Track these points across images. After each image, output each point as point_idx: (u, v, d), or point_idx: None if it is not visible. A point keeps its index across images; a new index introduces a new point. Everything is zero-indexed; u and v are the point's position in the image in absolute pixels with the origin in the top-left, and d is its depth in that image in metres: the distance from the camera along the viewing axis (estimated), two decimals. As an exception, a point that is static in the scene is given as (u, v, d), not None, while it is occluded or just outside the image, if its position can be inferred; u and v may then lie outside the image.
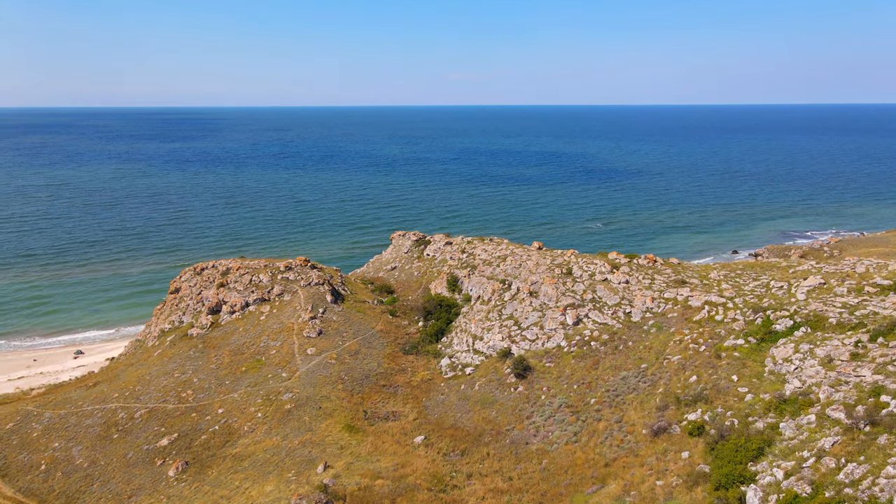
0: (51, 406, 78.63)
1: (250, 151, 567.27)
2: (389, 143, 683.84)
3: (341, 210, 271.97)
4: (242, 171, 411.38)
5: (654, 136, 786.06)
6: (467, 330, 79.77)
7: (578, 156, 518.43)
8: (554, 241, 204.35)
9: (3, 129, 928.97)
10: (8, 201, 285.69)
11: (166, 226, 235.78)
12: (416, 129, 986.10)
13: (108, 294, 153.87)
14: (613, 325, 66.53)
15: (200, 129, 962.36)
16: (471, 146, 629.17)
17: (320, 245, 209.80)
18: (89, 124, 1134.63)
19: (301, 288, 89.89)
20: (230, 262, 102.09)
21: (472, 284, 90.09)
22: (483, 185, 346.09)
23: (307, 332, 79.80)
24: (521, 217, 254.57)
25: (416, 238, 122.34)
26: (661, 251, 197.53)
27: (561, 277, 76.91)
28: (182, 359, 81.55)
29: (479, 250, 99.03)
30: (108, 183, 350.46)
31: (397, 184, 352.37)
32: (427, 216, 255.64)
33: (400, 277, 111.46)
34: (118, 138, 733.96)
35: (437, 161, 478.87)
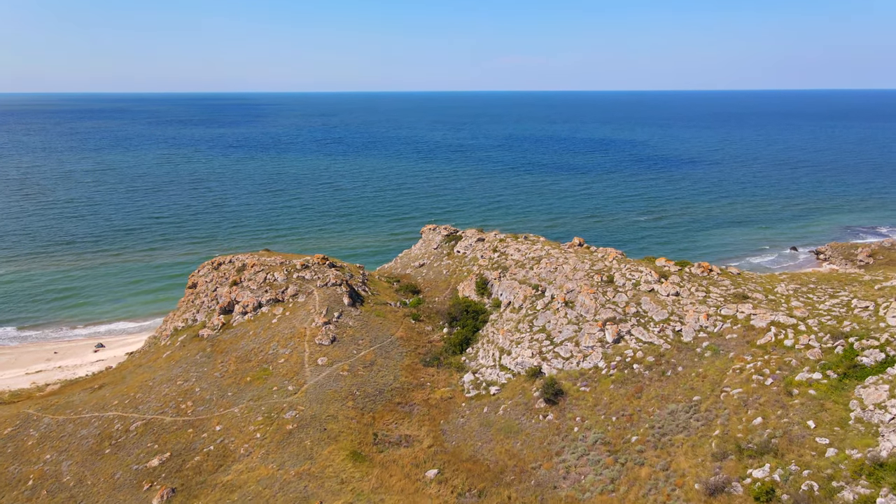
0: (52, 410, 74.44)
1: (294, 137, 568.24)
2: (433, 129, 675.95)
3: (380, 199, 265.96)
4: (284, 158, 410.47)
5: (707, 123, 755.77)
6: (494, 341, 71.76)
7: (627, 143, 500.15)
8: (598, 237, 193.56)
9: (63, 114, 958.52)
10: (54, 186, 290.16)
11: (204, 213, 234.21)
12: (460, 115, 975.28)
13: (137, 286, 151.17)
14: (660, 346, 57.45)
15: (247, 115, 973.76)
16: (515, 133, 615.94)
17: (356, 236, 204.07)
18: (143, 109, 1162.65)
19: (317, 289, 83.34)
20: (247, 257, 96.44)
21: (502, 288, 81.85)
22: (526, 173, 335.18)
23: (319, 339, 73.15)
24: (566, 209, 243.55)
25: (446, 233, 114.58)
26: (715, 247, 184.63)
27: (601, 286, 67.93)
28: (188, 363, 76.14)
29: (511, 249, 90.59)
30: (152, 168, 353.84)
31: (438, 171, 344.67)
32: (467, 207, 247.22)
33: (427, 276, 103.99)
34: (167, 123, 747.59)
35: (479, 148, 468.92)
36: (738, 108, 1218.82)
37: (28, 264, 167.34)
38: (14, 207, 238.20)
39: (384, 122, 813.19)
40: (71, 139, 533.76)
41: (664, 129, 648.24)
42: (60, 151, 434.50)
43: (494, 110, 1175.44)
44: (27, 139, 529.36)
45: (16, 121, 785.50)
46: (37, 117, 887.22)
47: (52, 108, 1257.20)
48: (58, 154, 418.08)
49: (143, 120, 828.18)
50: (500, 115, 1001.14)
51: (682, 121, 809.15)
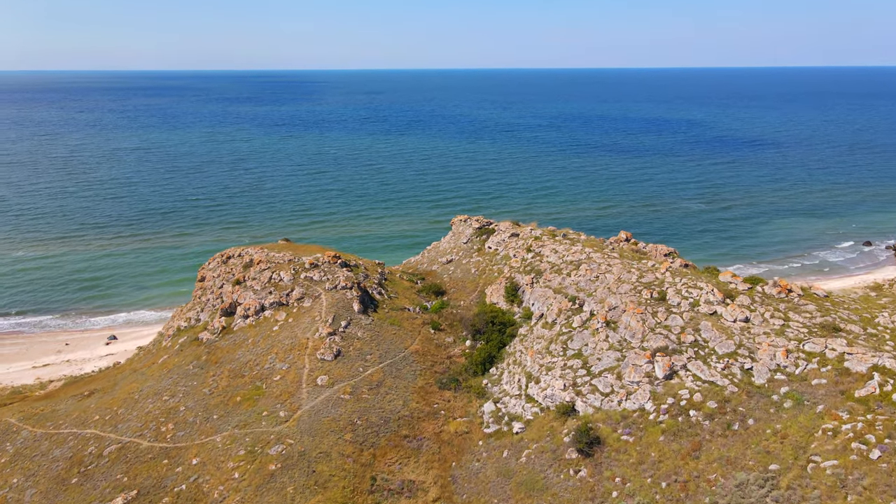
0: (34, 420, 68.03)
1: (338, 115, 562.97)
2: (480, 107, 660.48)
3: (421, 182, 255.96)
4: (326, 137, 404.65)
5: (766, 102, 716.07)
6: (521, 363, 61.31)
7: (681, 123, 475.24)
8: (650, 229, 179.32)
9: (117, 91, 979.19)
10: (98, 165, 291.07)
11: (239, 195, 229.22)
12: (508, 93, 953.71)
13: (162, 275, 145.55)
14: (725, 388, 45.96)
15: (294, 93, 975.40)
16: (564, 112, 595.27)
17: (394, 222, 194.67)
18: (194, 86, 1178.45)
19: (325, 292, 74.25)
20: (256, 251, 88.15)
21: (534, 297, 71.03)
22: (575, 156, 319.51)
23: (321, 353, 64.09)
24: (614, 193, 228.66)
25: (478, 225, 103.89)
26: (779, 241, 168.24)
27: (650, 304, 56.43)
28: (179, 374, 68.35)
29: (547, 250, 79.37)
30: (195, 147, 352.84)
31: (483, 153, 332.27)
32: (511, 192, 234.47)
33: (454, 274, 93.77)
34: (215, 101, 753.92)
35: (527, 128, 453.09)
36: (803, 86, 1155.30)
37: (58, 248, 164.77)
38: (55, 186, 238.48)
39: (430, 100, 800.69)
40: (121, 116, 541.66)
41: (722, 109, 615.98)
42: (109, 129, 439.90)
43: (543, 88, 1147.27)
44: (80, 116, 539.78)
45: (73, 98, 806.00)
46: (93, 94, 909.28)
47: (109, 85, 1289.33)
48: (107, 132, 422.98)
49: (192, 97, 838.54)
50: (549, 93, 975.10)
51: (742, 99, 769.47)
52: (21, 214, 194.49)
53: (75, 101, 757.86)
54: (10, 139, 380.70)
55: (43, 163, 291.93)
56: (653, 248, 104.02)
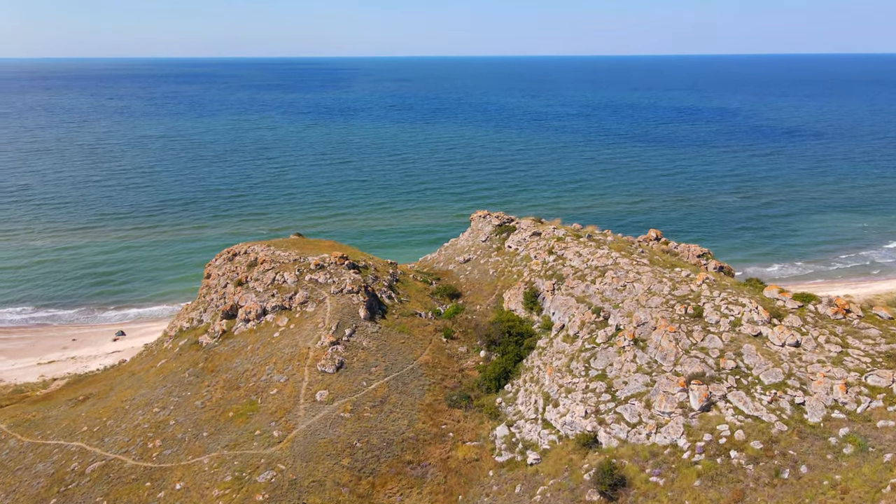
0: (24, 427, 64.80)
1: (364, 103, 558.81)
2: (507, 95, 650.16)
3: (445, 172, 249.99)
4: (351, 125, 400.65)
5: (804, 90, 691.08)
6: (539, 381, 55.69)
7: (715, 112, 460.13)
8: (680, 222, 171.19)
9: (148, 79, 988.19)
10: (123, 153, 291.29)
11: (261, 185, 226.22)
12: (535, 81, 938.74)
13: (175, 271, 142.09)
14: (772, 425, 39.77)
15: (321, 80, 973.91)
16: (593, 100, 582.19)
17: (417, 216, 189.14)
18: (223, 74, 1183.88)
19: (330, 296, 69.33)
20: (262, 248, 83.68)
21: (555, 306, 65.16)
22: (604, 146, 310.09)
23: (322, 365, 59.26)
24: (645, 187, 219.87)
25: (498, 222, 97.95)
26: (821, 238, 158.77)
27: (684, 322, 50.21)
28: (173, 383, 64.29)
29: (570, 253, 73.20)
30: (220, 135, 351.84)
31: (511, 142, 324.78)
32: (539, 184, 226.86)
33: (471, 275, 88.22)
34: (243, 88, 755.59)
35: (555, 117, 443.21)
36: (842, 73, 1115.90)
37: (76, 238, 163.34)
38: (79, 175, 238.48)
39: (457, 87, 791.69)
40: (149, 104, 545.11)
41: (758, 97, 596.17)
42: (137, 116, 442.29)
43: (572, 76, 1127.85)
44: (109, 103, 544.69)
45: (105, 85, 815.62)
46: (124, 82, 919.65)
47: (140, 72, 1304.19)
48: (134, 119, 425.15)
49: (220, 84, 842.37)
50: (578, 80, 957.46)
51: (778, 87, 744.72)
52: (43, 204, 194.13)
53: (106, 87, 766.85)
54: (40, 126, 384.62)
55: (70, 150, 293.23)
56: (684, 249, 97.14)
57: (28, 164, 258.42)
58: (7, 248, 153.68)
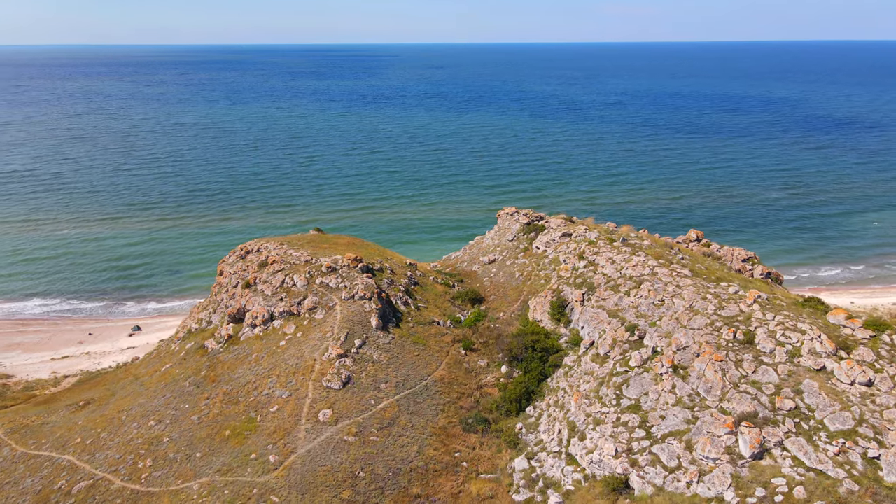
0: (20, 434, 62.00)
1: (397, 91, 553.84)
2: (542, 83, 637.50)
3: (478, 164, 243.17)
4: (383, 113, 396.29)
5: (857, 77, 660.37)
6: (564, 406, 50.05)
7: (761, 101, 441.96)
8: (724, 221, 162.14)
9: (187, 66, 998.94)
10: (156, 140, 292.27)
11: (290, 175, 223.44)
12: (572, 69, 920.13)
13: (198, 264, 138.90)
14: (839, 482, 33.47)
15: (357, 67, 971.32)
16: (630, 89, 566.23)
17: (445, 209, 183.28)
18: (260, 60, 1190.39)
19: (340, 302, 64.55)
20: (275, 247, 79.44)
21: (584, 318, 59.20)
22: (642, 136, 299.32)
23: (328, 380, 54.58)
24: (685, 180, 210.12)
25: (526, 220, 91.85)
26: (878, 241, 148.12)
27: (733, 349, 43.85)
28: (173, 392, 60.51)
29: (603, 259, 66.90)
30: (252, 123, 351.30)
31: (545, 132, 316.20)
32: (574, 177, 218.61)
33: (496, 277, 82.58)
34: (278, 75, 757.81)
35: (591, 106, 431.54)
36: None
37: (103, 228, 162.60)
38: (111, 163, 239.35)
39: (492, 75, 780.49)
40: (185, 90, 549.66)
41: (807, 85, 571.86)
42: (172, 103, 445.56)
43: (609, 63, 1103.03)
44: (147, 90, 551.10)
45: (145, 72, 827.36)
46: (162, 68, 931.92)
47: (179, 59, 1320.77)
48: (170, 106, 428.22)
49: (256, 71, 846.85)
50: (616, 68, 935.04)
51: (828, 74, 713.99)
52: (73, 192, 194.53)
53: (145, 74, 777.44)
54: (78, 112, 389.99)
55: (104, 138, 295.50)
56: (728, 252, 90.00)
57: (63, 151, 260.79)
58: (35, 239, 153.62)
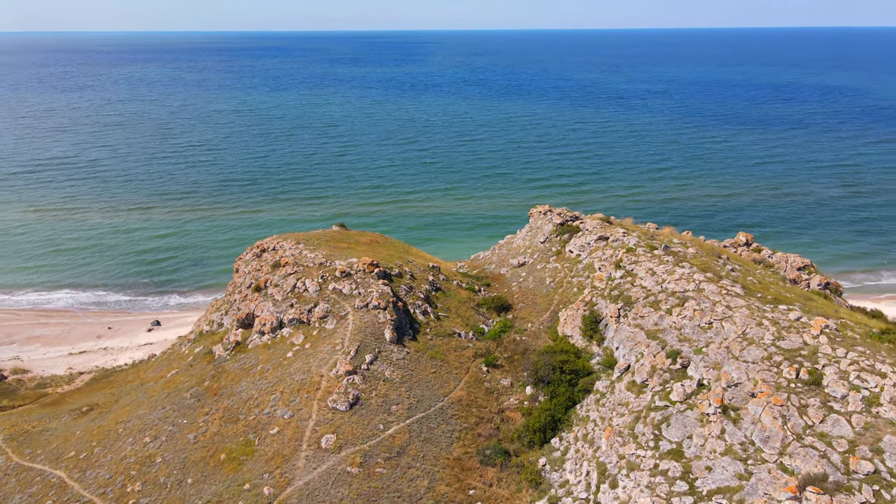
0: (18, 441, 59.51)
1: (436, 78, 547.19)
2: (583, 70, 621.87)
3: (515, 155, 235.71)
4: (421, 101, 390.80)
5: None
6: (594, 443, 44.21)
7: (818, 91, 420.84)
8: (778, 223, 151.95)
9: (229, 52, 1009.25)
10: (192, 127, 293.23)
11: (323, 165, 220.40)
12: (614, 56, 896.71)
13: (224, 258, 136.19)
14: (932, 575, 26.90)
15: (397, 54, 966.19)
16: (677, 76, 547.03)
17: (480, 203, 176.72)
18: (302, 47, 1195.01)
19: (353, 310, 59.71)
20: (290, 247, 75.17)
21: (620, 337, 53.07)
22: (688, 128, 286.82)
23: (334, 400, 49.86)
24: (734, 176, 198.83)
25: (560, 220, 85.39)
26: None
27: (795, 391, 37.26)
28: (173, 405, 56.80)
29: (642, 269, 60.35)
30: (289, 110, 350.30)
31: (585, 122, 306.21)
32: (614, 170, 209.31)
33: (525, 283, 76.67)
34: (317, 62, 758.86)
35: (635, 94, 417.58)
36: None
37: (133, 217, 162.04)
38: (147, 150, 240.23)
39: (533, 62, 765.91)
40: (226, 77, 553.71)
41: (869, 73, 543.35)
42: (212, 90, 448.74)
43: (653, 49, 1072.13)
44: (189, 76, 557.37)
45: (188, 59, 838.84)
46: (204, 54, 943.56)
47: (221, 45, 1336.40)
48: (209, 92, 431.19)
49: (297, 57, 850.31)
50: (661, 55, 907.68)
51: (891, 62, 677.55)
52: (108, 180, 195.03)
53: (188, 61, 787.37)
54: (121, 99, 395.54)
55: (143, 125, 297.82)
56: (781, 259, 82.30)
57: (102, 138, 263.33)
58: (67, 227, 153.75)
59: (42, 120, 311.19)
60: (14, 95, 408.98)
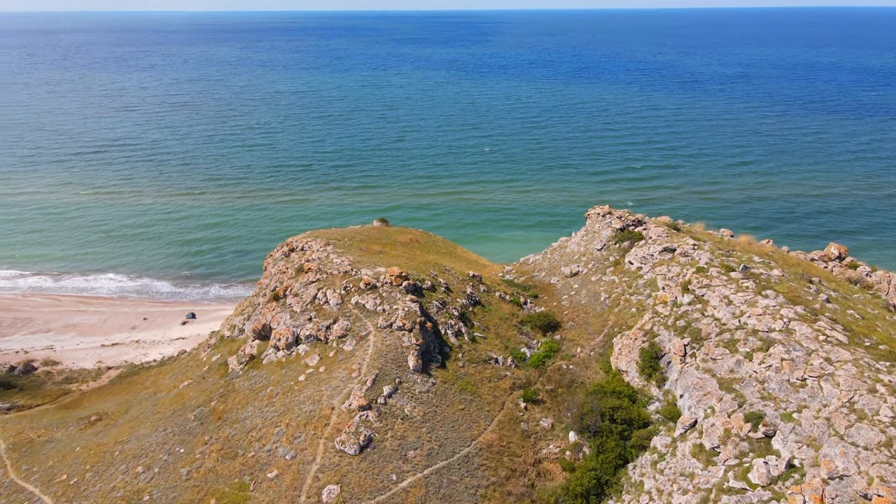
0: (19, 454, 56.37)
1: (502, 59, 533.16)
2: (657, 52, 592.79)
3: (580, 143, 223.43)
4: (484, 83, 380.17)
5: None
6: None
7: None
8: (874, 230, 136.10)
9: (296, 31, 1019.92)
10: (254, 109, 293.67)
11: (378, 151, 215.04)
12: (690, 37, 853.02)
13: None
14: None
15: (463, 34, 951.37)
16: (757, 59, 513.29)
17: (539, 197, 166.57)
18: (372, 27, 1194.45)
19: (375, 330, 52.75)
20: (318, 248, 68.94)
21: (685, 383, 43.99)
22: (772, 115, 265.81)
23: (342, 441, 43.15)
24: (823, 172, 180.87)
25: (620, 225, 75.76)
26: None
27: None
28: (175, 429, 51.63)
29: (716, 296, 50.56)
30: (350, 91, 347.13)
31: (657, 108, 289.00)
32: (686, 164, 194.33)
33: (577, 297, 67.82)
34: (383, 42, 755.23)
35: (712, 78, 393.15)
36: None
37: (186, 202, 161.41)
38: (207, 132, 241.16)
39: (603, 42, 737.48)
40: (292, 56, 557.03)
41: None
42: (278, 70, 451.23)
43: (730, 30, 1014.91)
44: (256, 56, 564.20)
45: (254, 38, 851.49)
46: (273, 34, 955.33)
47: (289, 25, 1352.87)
48: (273, 73, 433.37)
49: (363, 37, 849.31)
50: (740, 36, 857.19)
51: None
52: (164, 163, 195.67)
53: (257, 41, 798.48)
54: (189, 78, 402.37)
55: (206, 106, 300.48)
56: (883, 278, 70.77)
57: (165, 118, 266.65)
58: (119, 211, 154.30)
59: (113, 99, 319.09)
60: (91, 74, 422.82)
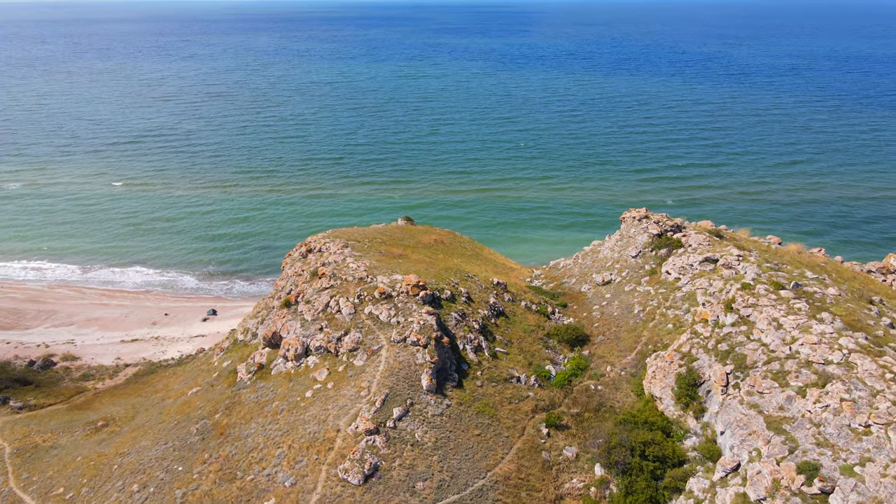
0: (21, 460, 55.45)
1: (540, 50, 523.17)
2: (702, 43, 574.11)
3: (618, 138, 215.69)
4: (521, 74, 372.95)
5: None
6: (680, 587, 31.44)
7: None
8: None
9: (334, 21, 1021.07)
10: (288, 99, 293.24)
11: (410, 143, 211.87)
12: (737, 27, 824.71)
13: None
14: None
15: (501, 23, 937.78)
16: (807, 50, 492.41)
17: (575, 194, 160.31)
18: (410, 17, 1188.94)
19: (388, 344, 49.28)
20: (336, 250, 65.81)
21: (727, 418, 39.33)
22: (825, 110, 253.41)
23: (346, 469, 39.87)
24: (882, 172, 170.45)
25: (657, 230, 70.64)
26: None
27: None
28: (175, 442, 49.20)
29: (763, 318, 45.49)
30: (384, 82, 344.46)
31: (701, 102, 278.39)
32: (731, 162, 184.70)
33: (609, 308, 63.23)
34: (420, 32, 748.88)
35: (759, 70, 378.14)
36: None
37: (216, 194, 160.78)
38: (240, 122, 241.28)
39: (645, 33, 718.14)
40: (329, 46, 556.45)
41: None
42: (314, 59, 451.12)
43: (779, 20, 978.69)
44: (293, 45, 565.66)
45: (294, 27, 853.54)
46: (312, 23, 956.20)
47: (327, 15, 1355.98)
48: (309, 63, 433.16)
49: (400, 27, 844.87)
50: (788, 26, 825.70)
51: None
52: (197, 153, 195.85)
53: (296, 30, 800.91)
54: (227, 68, 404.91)
55: (241, 96, 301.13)
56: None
57: (200, 108, 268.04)
58: (150, 202, 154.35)
59: (152, 88, 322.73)
60: (132, 63, 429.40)
